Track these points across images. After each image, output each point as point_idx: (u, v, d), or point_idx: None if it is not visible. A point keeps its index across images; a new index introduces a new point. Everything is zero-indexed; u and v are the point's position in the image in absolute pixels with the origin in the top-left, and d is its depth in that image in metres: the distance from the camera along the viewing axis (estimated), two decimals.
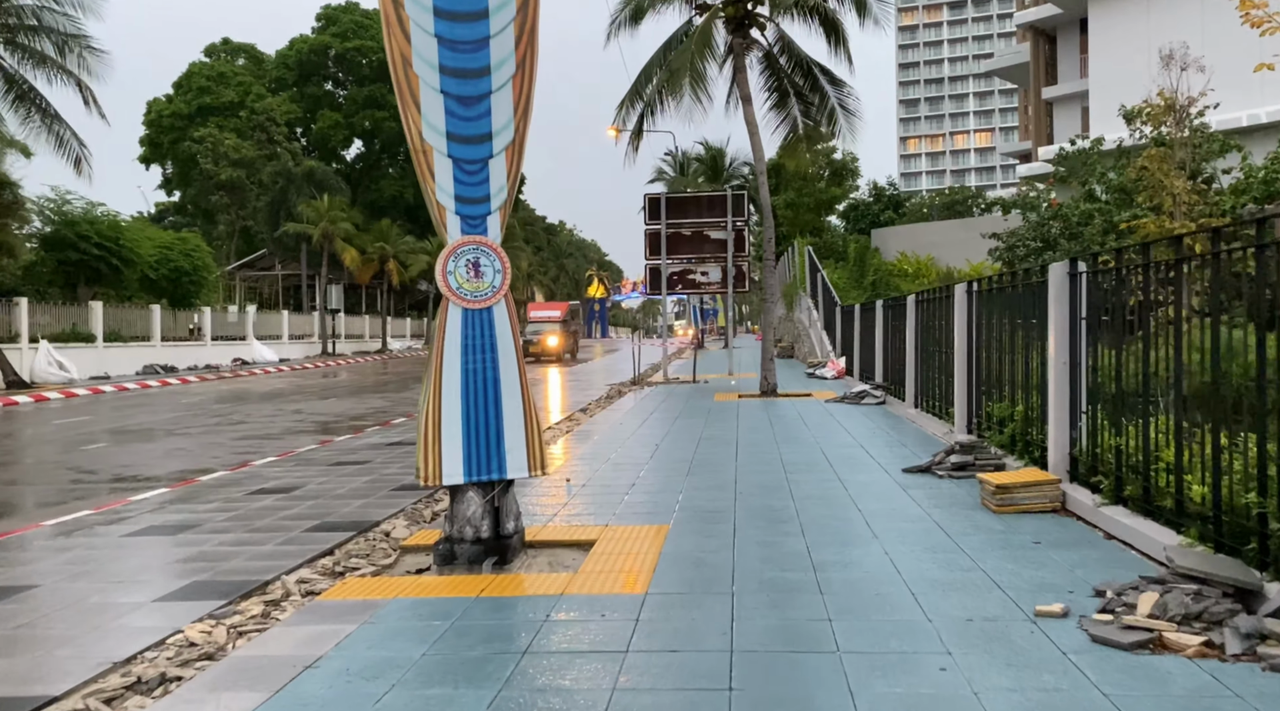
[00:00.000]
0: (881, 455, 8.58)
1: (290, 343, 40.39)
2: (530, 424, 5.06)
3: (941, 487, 6.89)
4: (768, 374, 15.46)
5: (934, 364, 10.50)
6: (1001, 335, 7.85)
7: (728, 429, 10.94)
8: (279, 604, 4.51)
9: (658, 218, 20.88)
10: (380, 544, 5.79)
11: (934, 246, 30.33)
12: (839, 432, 10.40)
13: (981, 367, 8.50)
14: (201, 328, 33.43)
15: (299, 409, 16.61)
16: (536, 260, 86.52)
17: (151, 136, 52.49)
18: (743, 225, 20.80)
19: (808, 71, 16.96)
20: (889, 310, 13.93)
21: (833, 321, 21.74)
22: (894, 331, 13.43)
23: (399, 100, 4.89)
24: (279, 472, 8.87)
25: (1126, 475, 5.17)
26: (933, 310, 10.64)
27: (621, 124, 17.24)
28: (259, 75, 56.72)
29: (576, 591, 4.42)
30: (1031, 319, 6.88)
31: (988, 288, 8.33)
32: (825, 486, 7.06)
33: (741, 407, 13.57)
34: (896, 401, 12.85)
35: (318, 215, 40.79)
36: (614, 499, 6.76)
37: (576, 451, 9.39)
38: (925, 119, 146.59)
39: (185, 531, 6.30)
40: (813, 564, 4.79)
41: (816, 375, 19.48)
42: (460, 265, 4.99)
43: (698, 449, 9.30)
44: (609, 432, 10.97)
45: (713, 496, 6.74)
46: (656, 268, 21.00)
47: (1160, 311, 4.86)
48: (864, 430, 10.58)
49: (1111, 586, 4.00)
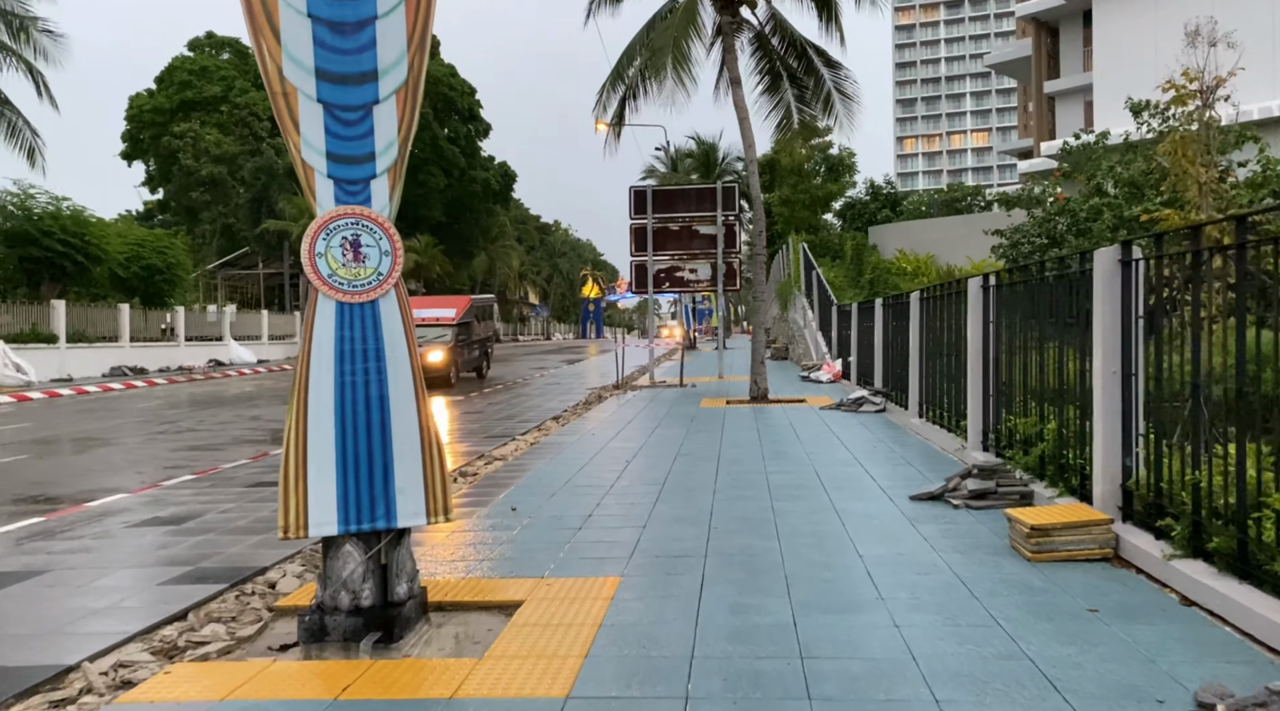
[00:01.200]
0: (884, 476, 7.38)
1: (271, 343, 39.11)
2: (430, 455, 3.86)
3: (958, 522, 5.69)
4: (758, 377, 14.27)
5: (942, 369, 9.31)
6: (1026, 337, 6.66)
7: (710, 441, 9.74)
8: (63, 709, 3.29)
9: (644, 212, 19.68)
10: (255, 601, 4.57)
11: (934, 244, 29.17)
12: (835, 447, 9.20)
13: (1000, 375, 7.31)
14: (174, 328, 32.14)
15: (258, 414, 15.38)
16: (529, 259, 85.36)
17: (132, 132, 51.05)
18: (734, 220, 19.63)
19: (802, 53, 15.77)
20: (890, 309, 12.74)
21: (829, 322, 20.57)
22: (895, 332, 12.25)
23: (249, 27, 3.68)
24: (186, 496, 7.65)
25: (1209, 521, 3.96)
26: (940, 309, 9.45)
27: (602, 110, 16.04)
28: (244, 70, 55.38)
29: (474, 691, 3.21)
30: (1068, 317, 5.68)
31: (1009, 281, 7.14)
32: (818, 519, 5.86)
33: (728, 415, 12.38)
34: (898, 409, 11.66)
35: (299, 211, 39.52)
36: (562, 537, 5.56)
37: (534, 468, 8.19)
38: (922, 119, 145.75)
39: (10, 584, 5.06)
40: (799, 643, 3.59)
41: (811, 379, 18.29)
42: (333, 244, 3.79)
43: (673, 467, 8.10)
44: (578, 445, 9.77)
45: (681, 533, 5.54)
46: (643, 264, 19.80)
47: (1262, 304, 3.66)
48: (863, 444, 9.38)
49: (1224, 698, 2.81)
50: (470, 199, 58.85)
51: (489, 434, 11.60)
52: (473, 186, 58.48)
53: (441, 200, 57.16)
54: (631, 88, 15.49)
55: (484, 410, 15.01)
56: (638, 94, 15.50)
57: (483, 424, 12.77)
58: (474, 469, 8.73)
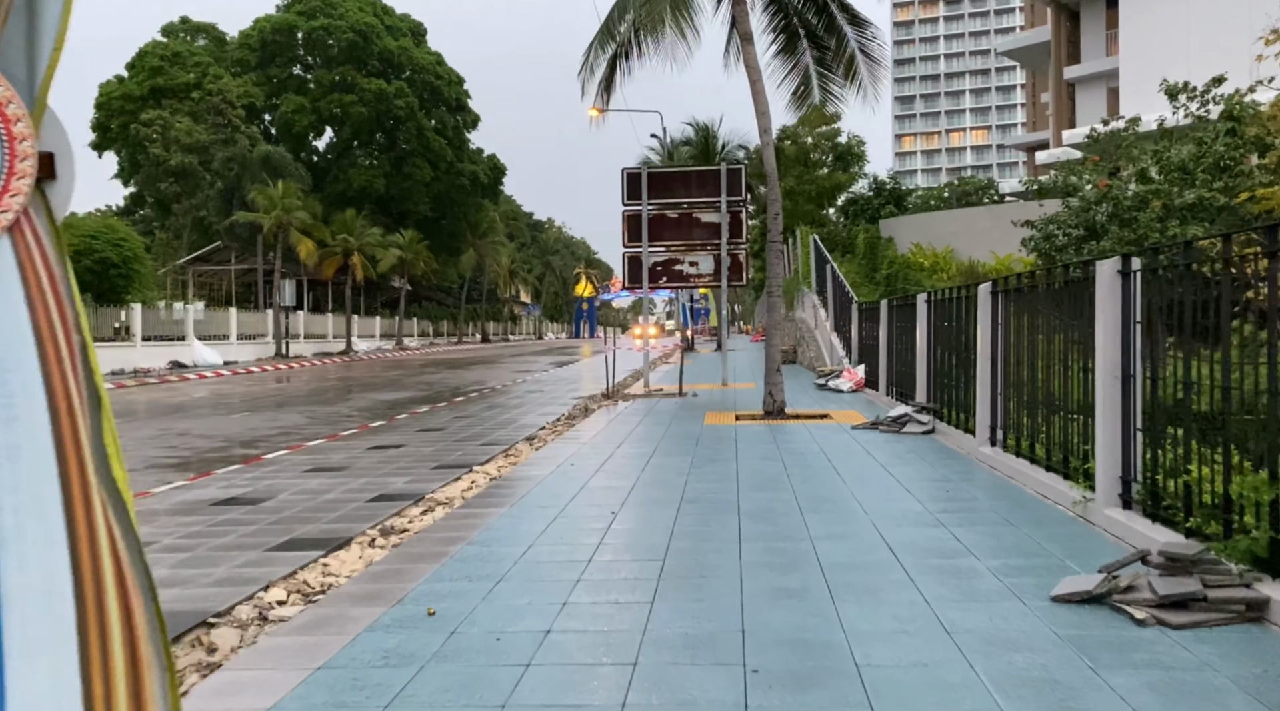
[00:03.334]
0: (986, 548, 5.06)
1: (240, 343, 36.69)
2: (102, 646, 1.53)
3: (1166, 658, 3.37)
4: (774, 388, 11.96)
5: (1035, 384, 7.00)
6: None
7: (723, 478, 7.42)
8: None
9: (638, 197, 17.37)
10: None
11: (952, 237, 26.90)
12: (892, 489, 6.88)
13: (1159, 399, 4.99)
14: (130, 326, 29.74)
15: (189, 428, 13.04)
16: (520, 257, 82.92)
17: (101, 121, 48.51)
18: (740, 207, 17.34)
19: (822, 7, 13.46)
20: (939, 307, 10.44)
21: (845, 322, 18.27)
22: (946, 335, 9.95)
23: None
24: None
25: None
26: (1031, 306, 7.15)
27: (588, 73, 13.69)
28: (220, 57, 52.93)
29: None
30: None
31: (1175, 264, 4.82)
32: (920, 649, 3.54)
33: (741, 437, 10.06)
34: (951, 430, 9.36)
35: (271, 203, 37.11)
36: (491, 692, 3.23)
37: (484, 523, 5.86)
38: (921, 117, 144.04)
39: None
40: None
41: (829, 387, 15.99)
42: None
43: (676, 525, 5.77)
44: (550, 483, 7.43)
45: (697, 686, 3.22)
46: (636, 257, 17.48)
47: None
48: (927, 485, 7.06)
49: None
50: (458, 193, 56.51)
51: (442, 462, 9.26)
52: (460, 180, 56.15)
53: (428, 194, 54.83)
54: (624, 46, 13.16)
55: (445, 425, 12.66)
56: (630, 53, 13.17)
57: (438, 447, 10.44)
58: (405, 522, 6.40)
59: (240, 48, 53.22)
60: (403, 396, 18.60)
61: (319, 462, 9.37)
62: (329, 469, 8.92)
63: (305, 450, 10.41)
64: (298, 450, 10.41)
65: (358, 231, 43.02)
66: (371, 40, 52.13)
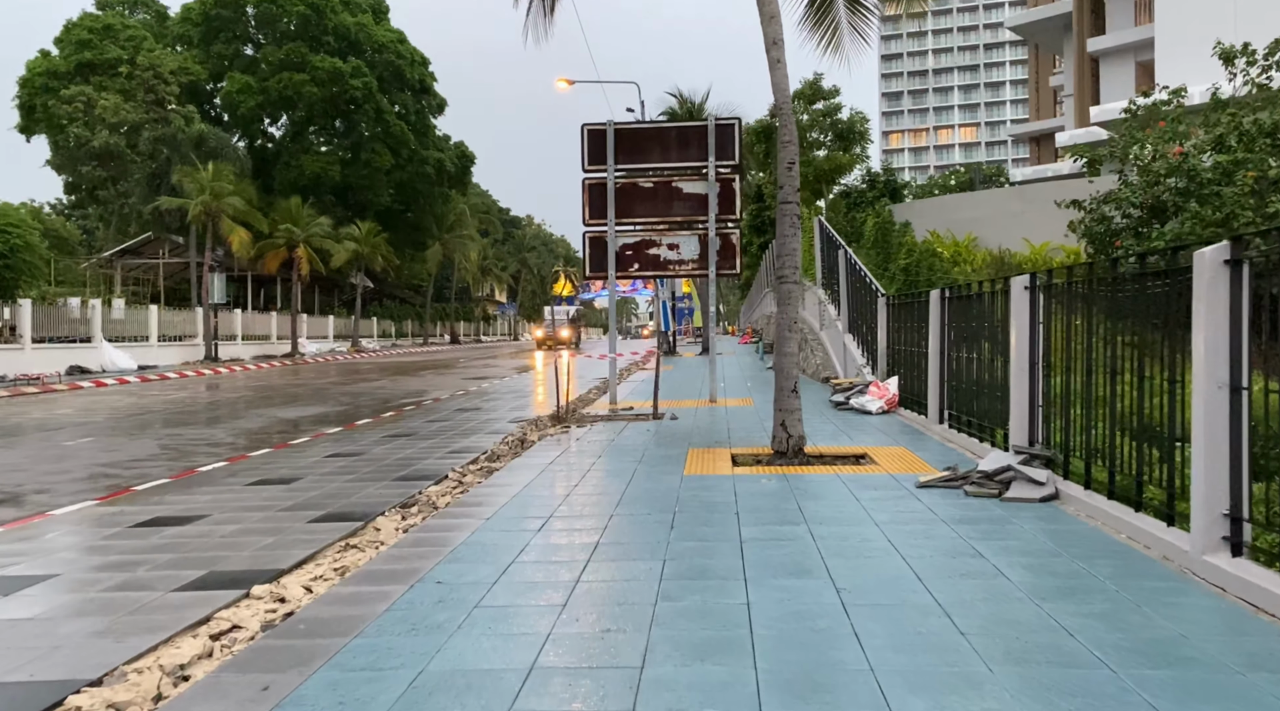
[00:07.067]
0: None
1: (163, 345, 32.43)
2: None
3: None
4: (787, 418, 8.10)
5: None
6: None
7: (723, 645, 3.50)
8: None
9: (601, 161, 13.52)
10: None
11: (975, 223, 23.18)
12: (1065, 671, 2.99)
13: None
14: (17, 325, 25.54)
15: (64, 450, 8.99)
16: (493, 253, 78.71)
17: (24, 99, 44.08)
18: (732, 174, 13.50)
19: None
20: (1045, 294, 6.57)
21: (866, 322, 14.45)
22: (1095, 345, 6.11)
23: None
24: None
25: None
26: None
27: None
28: (160, 33, 48.58)
29: None
30: None
31: None
32: None
33: (745, 505, 6.17)
34: (1090, 496, 5.52)
35: (200, 187, 32.90)
36: None
37: None
38: (909, 113, 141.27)
39: None
40: None
41: (851, 406, 12.13)
42: None
43: None
44: (403, 623, 3.49)
45: None
46: (600, 237, 13.62)
47: None
48: (1144, 660, 3.18)
49: None
50: (422, 182, 52.31)
51: (153, 604, 5.31)
52: (425, 168, 51.96)
53: (389, 182, 50.64)
54: None
55: (300, 475, 8.68)
56: None
57: (271, 516, 6.48)
58: None
59: (182, 22, 48.87)
60: (309, 414, 14.65)
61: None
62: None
63: (17, 528, 6.43)
64: (11, 527, 6.43)
65: (304, 221, 38.83)
66: (325, 15, 47.91)
